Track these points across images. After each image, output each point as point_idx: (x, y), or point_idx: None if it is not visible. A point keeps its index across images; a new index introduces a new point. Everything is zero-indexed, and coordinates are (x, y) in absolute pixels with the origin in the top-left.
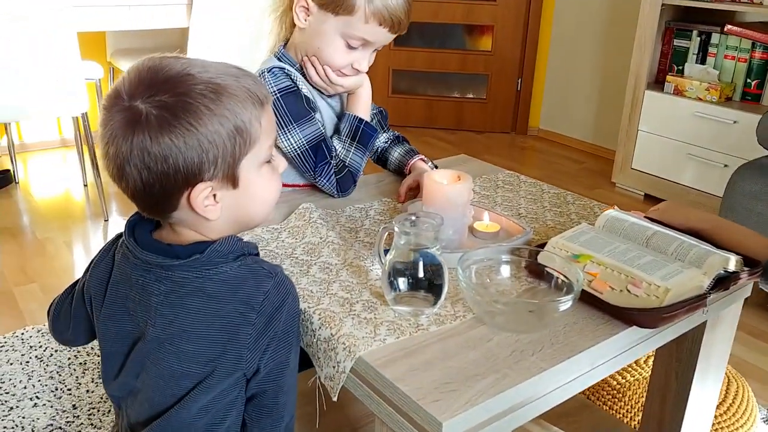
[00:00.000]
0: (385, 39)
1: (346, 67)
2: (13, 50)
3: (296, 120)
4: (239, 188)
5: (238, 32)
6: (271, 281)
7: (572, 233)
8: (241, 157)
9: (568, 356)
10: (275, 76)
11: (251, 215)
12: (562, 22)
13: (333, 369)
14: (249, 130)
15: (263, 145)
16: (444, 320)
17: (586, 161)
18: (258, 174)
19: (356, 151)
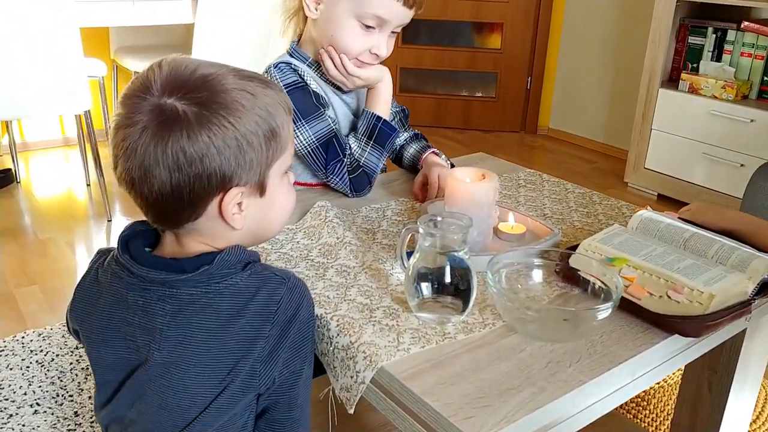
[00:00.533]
0: (401, 15)
1: (363, 52)
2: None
3: (305, 116)
4: (265, 196)
5: (244, 29)
6: (284, 287)
7: (605, 235)
8: (272, 162)
9: (608, 367)
10: (281, 72)
11: (270, 226)
12: (572, 19)
13: (351, 379)
14: (282, 135)
15: (289, 153)
16: (472, 328)
17: (598, 161)
18: (281, 183)
19: (373, 150)
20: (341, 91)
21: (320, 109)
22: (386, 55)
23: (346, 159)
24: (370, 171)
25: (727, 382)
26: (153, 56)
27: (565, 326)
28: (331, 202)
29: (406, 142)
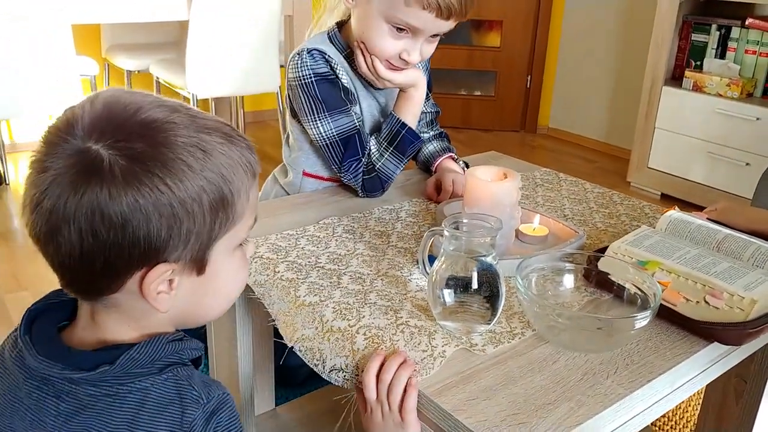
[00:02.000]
0: (434, 26)
1: (394, 56)
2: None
3: (329, 109)
4: (204, 275)
5: (242, 28)
6: (198, 411)
7: (634, 237)
8: (218, 236)
9: (648, 379)
10: (314, 59)
11: (206, 310)
12: (573, 16)
13: None
14: (235, 205)
15: (245, 224)
16: (500, 339)
17: (599, 160)
18: (230, 260)
19: (392, 157)
20: (373, 87)
21: (346, 104)
22: (418, 61)
23: (363, 159)
24: (385, 176)
25: (759, 392)
26: (145, 54)
27: (599, 335)
28: (342, 203)
29: (428, 140)
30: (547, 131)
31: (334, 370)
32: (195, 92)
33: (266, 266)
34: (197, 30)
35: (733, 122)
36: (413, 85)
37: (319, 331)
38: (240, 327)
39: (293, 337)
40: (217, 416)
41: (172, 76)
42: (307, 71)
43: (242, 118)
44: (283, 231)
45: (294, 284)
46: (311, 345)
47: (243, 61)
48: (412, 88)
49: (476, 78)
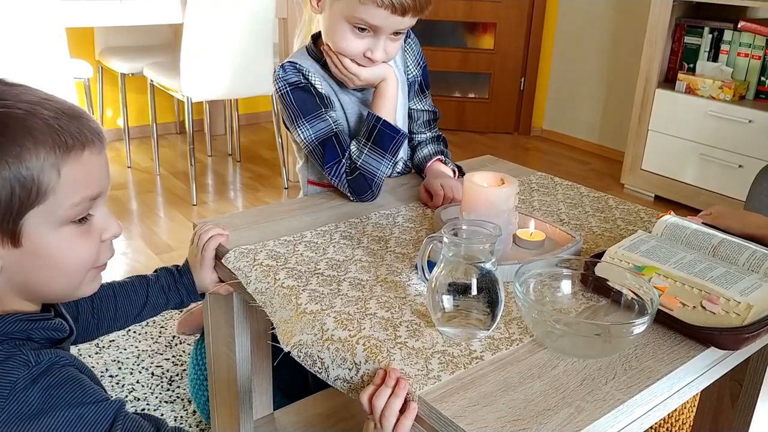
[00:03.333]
0: (392, 23)
1: (358, 55)
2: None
3: (305, 115)
4: (24, 248)
5: (236, 31)
6: (24, 372)
7: (631, 242)
8: (23, 210)
9: (647, 384)
10: (285, 72)
11: (43, 282)
12: (566, 18)
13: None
14: (35, 180)
15: (63, 200)
16: (499, 345)
17: (592, 162)
18: (54, 235)
19: (371, 152)
20: (357, 89)
21: (321, 109)
22: (382, 59)
23: (344, 160)
24: (369, 174)
25: (754, 394)
26: (139, 57)
27: (597, 341)
28: (339, 209)
29: (424, 143)
30: (540, 133)
31: (338, 379)
32: (189, 95)
33: (266, 273)
34: (191, 33)
35: (726, 124)
36: (383, 79)
37: (319, 338)
38: (238, 331)
39: (290, 342)
40: (47, 377)
41: (166, 78)
42: (282, 83)
43: (236, 121)
44: (281, 237)
45: (295, 291)
46: (310, 351)
47: (237, 63)
48: (383, 83)
49: (470, 80)
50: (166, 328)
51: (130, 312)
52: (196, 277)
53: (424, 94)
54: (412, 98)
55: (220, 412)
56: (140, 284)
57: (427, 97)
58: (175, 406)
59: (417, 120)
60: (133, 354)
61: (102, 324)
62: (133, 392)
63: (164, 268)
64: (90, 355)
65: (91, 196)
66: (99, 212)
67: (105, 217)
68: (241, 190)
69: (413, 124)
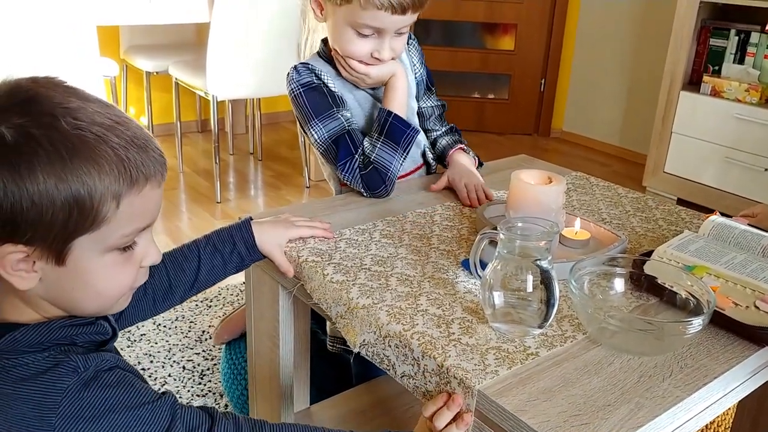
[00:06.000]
0: (394, 23)
1: (365, 57)
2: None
3: (317, 115)
4: (66, 267)
5: (264, 29)
6: (75, 378)
7: (679, 241)
8: (75, 234)
9: (704, 382)
10: (298, 73)
11: (78, 302)
12: (588, 20)
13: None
14: (95, 207)
15: (116, 230)
16: (553, 342)
17: (613, 164)
18: (98, 260)
19: (384, 146)
20: (372, 88)
21: (333, 108)
22: (389, 57)
23: (357, 156)
24: (382, 168)
25: None
26: (164, 56)
27: (651, 338)
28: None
29: (440, 136)
30: (560, 135)
31: (405, 376)
32: (215, 93)
33: (314, 269)
34: (218, 32)
35: (752, 127)
36: (392, 75)
37: (378, 335)
38: (283, 326)
39: (356, 341)
40: (98, 381)
41: (191, 77)
42: (295, 85)
43: (258, 120)
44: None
45: (345, 286)
46: (376, 350)
47: (263, 63)
48: (392, 78)
49: (490, 81)
50: (196, 323)
51: (185, 281)
52: (265, 234)
53: (431, 91)
54: (421, 96)
55: (260, 406)
56: (190, 249)
57: (433, 93)
58: (207, 399)
59: (429, 117)
60: (164, 348)
61: (158, 299)
62: (166, 385)
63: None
64: (122, 349)
65: (141, 227)
66: (143, 239)
67: (148, 244)
68: (262, 188)
69: (426, 122)
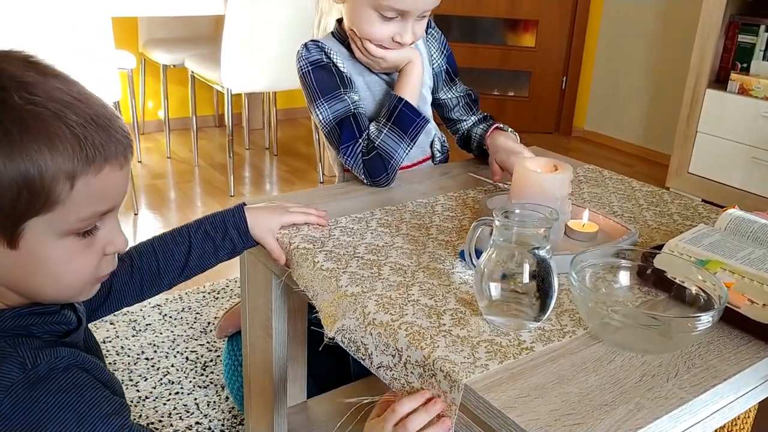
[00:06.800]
0: (420, 5)
1: (386, 40)
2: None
3: (323, 95)
4: (19, 251)
5: (279, 22)
6: (21, 375)
7: (693, 235)
8: (26, 215)
9: (712, 384)
10: (308, 50)
11: (35, 289)
12: (611, 16)
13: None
14: (46, 187)
15: (72, 213)
16: (550, 336)
17: (636, 164)
18: (53, 245)
19: (390, 133)
20: (386, 74)
21: (340, 89)
22: (411, 41)
23: (360, 140)
24: (386, 155)
25: None
26: (180, 49)
27: (656, 335)
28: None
29: (474, 125)
30: (582, 134)
31: (381, 367)
32: (229, 87)
33: (304, 257)
34: (233, 25)
35: None
36: (409, 61)
37: (361, 322)
38: (276, 316)
39: (333, 327)
40: (46, 383)
41: (207, 70)
42: (303, 62)
43: (274, 115)
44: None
45: (335, 274)
46: (353, 336)
47: (277, 56)
48: (408, 65)
49: (510, 78)
50: (202, 314)
51: (174, 266)
52: (258, 220)
53: (453, 82)
54: (442, 88)
55: (254, 399)
56: (181, 233)
57: (457, 83)
58: (209, 391)
59: (453, 107)
60: (168, 338)
61: (145, 284)
62: (168, 375)
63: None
64: (127, 338)
65: (101, 211)
66: (107, 225)
67: (112, 230)
68: (277, 183)
69: (451, 112)
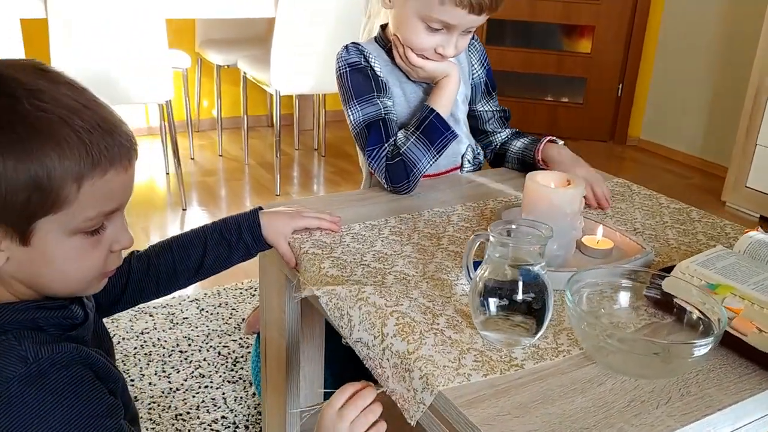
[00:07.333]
0: (468, 21)
1: (429, 51)
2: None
3: (357, 97)
4: (31, 247)
5: (328, 25)
6: (22, 369)
7: (706, 257)
8: (36, 215)
9: (704, 413)
10: (347, 52)
11: (45, 283)
12: (672, 22)
13: (407, 392)
14: (54, 189)
15: (79, 213)
16: (543, 355)
17: (692, 177)
18: (63, 243)
19: (417, 141)
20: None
21: (374, 92)
22: (454, 54)
23: (387, 145)
24: (410, 162)
25: None
26: (234, 50)
27: (654, 360)
28: (388, 205)
29: (508, 140)
30: (637, 143)
31: (359, 342)
32: (278, 88)
33: (312, 262)
34: (283, 27)
35: None
36: (446, 75)
37: (353, 296)
38: (289, 318)
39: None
40: (45, 380)
41: (258, 72)
42: (342, 63)
43: (323, 117)
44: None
45: (338, 281)
46: (341, 305)
47: (325, 59)
48: (445, 79)
49: (564, 84)
50: (238, 310)
51: (189, 266)
52: (271, 223)
53: (491, 96)
54: (479, 100)
55: (270, 397)
56: (198, 234)
57: (494, 98)
58: (237, 386)
59: (488, 120)
60: (203, 332)
61: (161, 282)
62: (199, 369)
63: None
64: (164, 330)
65: (107, 211)
66: (113, 224)
67: (118, 228)
68: (323, 183)
69: (486, 123)
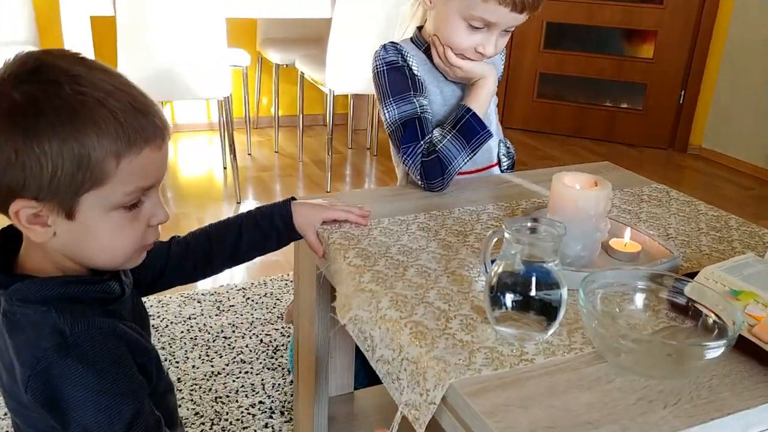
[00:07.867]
0: (509, 20)
1: (469, 50)
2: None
3: (393, 95)
4: (76, 222)
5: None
6: (59, 340)
7: (733, 264)
8: (80, 190)
9: (713, 416)
10: (386, 51)
11: (89, 256)
12: (739, 27)
13: (420, 397)
14: (96, 167)
15: (118, 188)
16: (555, 351)
17: (755, 188)
18: (104, 217)
19: (453, 139)
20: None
21: (411, 91)
22: (493, 53)
23: (422, 143)
24: (446, 159)
25: None
26: (292, 49)
27: (667, 362)
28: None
29: None
30: (698, 151)
31: (380, 360)
32: (333, 87)
33: (338, 252)
34: (339, 27)
35: None
36: (482, 76)
37: (373, 315)
38: (318, 307)
39: (346, 316)
40: (77, 351)
41: (314, 71)
42: (379, 62)
43: (376, 116)
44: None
45: (360, 270)
46: (363, 327)
47: None
48: (482, 80)
49: (624, 89)
50: (282, 300)
51: (224, 251)
52: (301, 213)
53: None
54: None
55: (301, 385)
56: (233, 220)
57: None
58: (275, 374)
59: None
60: (247, 320)
61: (198, 266)
62: (241, 355)
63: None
64: (210, 316)
65: (144, 187)
66: (150, 199)
67: (155, 204)
68: (373, 182)
69: None
